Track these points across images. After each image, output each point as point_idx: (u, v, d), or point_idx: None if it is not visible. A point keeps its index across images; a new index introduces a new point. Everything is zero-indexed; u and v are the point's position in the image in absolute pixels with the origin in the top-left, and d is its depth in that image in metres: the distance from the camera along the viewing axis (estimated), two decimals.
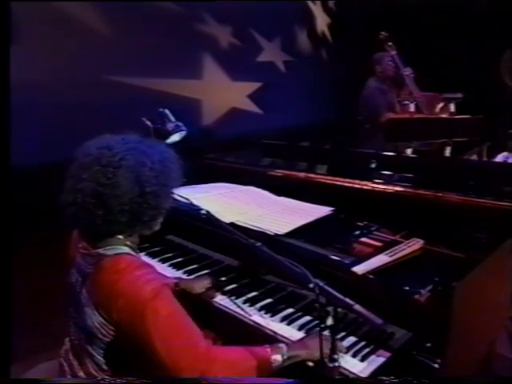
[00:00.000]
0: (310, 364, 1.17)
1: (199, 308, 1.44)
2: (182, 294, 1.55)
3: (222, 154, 2.74)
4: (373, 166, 2.12)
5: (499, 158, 3.80)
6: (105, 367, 1.19)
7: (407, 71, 3.70)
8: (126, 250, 1.19)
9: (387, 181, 1.91)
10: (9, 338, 1.47)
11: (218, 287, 1.61)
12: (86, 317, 1.16)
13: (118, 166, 1.11)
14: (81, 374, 1.23)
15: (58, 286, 1.33)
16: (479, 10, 4.69)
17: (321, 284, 1.07)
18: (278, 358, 1.17)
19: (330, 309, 1.04)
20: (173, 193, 1.26)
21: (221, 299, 1.57)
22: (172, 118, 2.17)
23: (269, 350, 1.19)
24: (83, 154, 1.16)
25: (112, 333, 1.13)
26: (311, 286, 1.07)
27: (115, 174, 1.11)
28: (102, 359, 1.19)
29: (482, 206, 1.60)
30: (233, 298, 1.56)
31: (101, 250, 1.17)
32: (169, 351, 1.07)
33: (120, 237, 1.19)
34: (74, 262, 1.25)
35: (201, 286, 1.61)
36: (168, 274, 1.74)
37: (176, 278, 1.69)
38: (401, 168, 2.12)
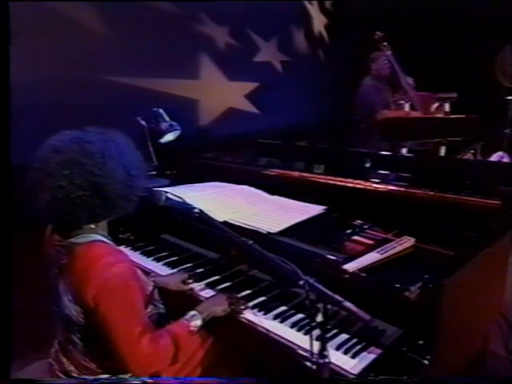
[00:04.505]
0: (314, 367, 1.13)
1: (191, 305, 1.45)
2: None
3: (218, 154, 2.76)
4: (367, 165, 2.13)
5: (494, 158, 3.83)
6: (93, 357, 1.24)
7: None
8: (99, 237, 1.23)
9: (382, 180, 1.92)
10: (9, 338, 1.48)
11: (195, 279, 1.64)
12: (65, 306, 1.20)
13: (102, 156, 1.17)
14: (71, 368, 1.26)
15: None
16: (474, 10, 4.70)
17: (311, 281, 1.08)
18: (197, 323, 1.35)
19: (319, 305, 1.05)
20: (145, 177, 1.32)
21: None
22: (166, 118, 2.19)
23: (186, 322, 1.34)
24: (54, 151, 1.17)
25: (87, 317, 1.18)
26: (301, 282, 1.08)
27: (104, 164, 1.17)
28: (86, 348, 1.23)
29: (473, 205, 1.61)
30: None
31: (73, 240, 1.21)
32: (117, 338, 1.15)
33: (92, 226, 1.23)
34: (51, 258, 1.28)
35: (176, 280, 1.63)
36: (162, 273, 1.75)
37: (151, 276, 1.67)
38: (395, 167, 2.13)
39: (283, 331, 1.37)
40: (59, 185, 1.13)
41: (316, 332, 1.06)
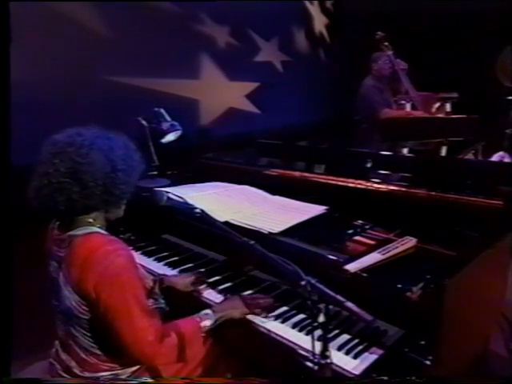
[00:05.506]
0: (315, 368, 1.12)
1: (194, 306, 1.45)
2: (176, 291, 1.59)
3: (218, 154, 2.76)
4: (368, 165, 2.13)
5: (495, 158, 3.83)
6: (93, 350, 1.24)
7: (401, 64, 3.71)
8: (96, 229, 1.25)
9: (383, 180, 1.92)
10: (9, 338, 1.48)
11: (202, 281, 1.65)
12: (65, 299, 1.21)
13: (89, 148, 1.20)
14: (72, 364, 1.26)
15: None
16: (475, 10, 4.70)
17: (312, 281, 1.07)
18: (207, 323, 1.34)
19: (321, 306, 1.04)
20: (137, 176, 1.33)
21: (216, 297, 1.57)
22: (167, 118, 2.18)
23: (198, 319, 1.34)
24: (52, 144, 1.22)
25: (88, 308, 1.18)
26: (303, 283, 1.07)
27: (88, 154, 1.19)
28: (86, 341, 1.23)
29: (474, 205, 1.61)
30: (227, 296, 1.57)
31: (72, 232, 1.23)
32: (119, 325, 1.16)
33: (90, 220, 1.25)
34: (51, 254, 1.29)
35: (187, 282, 1.64)
36: (163, 273, 1.75)
37: (160, 274, 1.69)
38: (397, 167, 2.13)
39: (284, 331, 1.37)
40: (46, 172, 1.17)
41: (318, 332, 1.05)
